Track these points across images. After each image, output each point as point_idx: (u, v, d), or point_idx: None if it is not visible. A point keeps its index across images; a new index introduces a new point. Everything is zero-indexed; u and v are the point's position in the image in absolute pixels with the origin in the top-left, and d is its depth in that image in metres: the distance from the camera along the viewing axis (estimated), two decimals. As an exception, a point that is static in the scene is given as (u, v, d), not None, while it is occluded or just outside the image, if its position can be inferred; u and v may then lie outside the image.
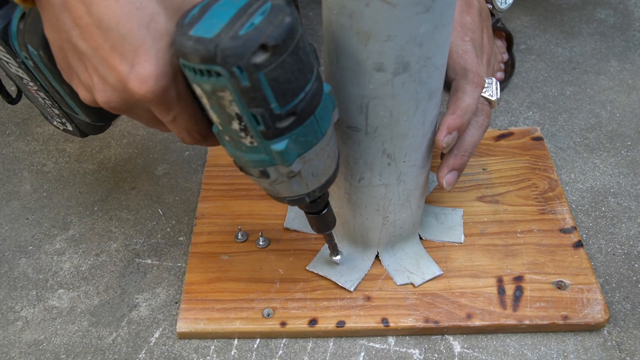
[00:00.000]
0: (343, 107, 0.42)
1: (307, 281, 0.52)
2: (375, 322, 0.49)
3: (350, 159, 0.45)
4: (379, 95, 0.40)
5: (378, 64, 0.38)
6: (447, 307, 0.50)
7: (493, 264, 0.53)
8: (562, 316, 0.49)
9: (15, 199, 0.61)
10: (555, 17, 0.85)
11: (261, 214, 0.58)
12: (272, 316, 0.50)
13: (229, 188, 0.60)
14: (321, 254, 0.54)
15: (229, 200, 0.59)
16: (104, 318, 0.51)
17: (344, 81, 0.40)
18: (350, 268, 0.52)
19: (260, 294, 0.51)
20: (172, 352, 0.49)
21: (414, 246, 0.54)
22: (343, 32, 0.37)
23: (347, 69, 0.39)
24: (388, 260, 0.53)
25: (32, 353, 0.49)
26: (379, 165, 0.45)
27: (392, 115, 0.41)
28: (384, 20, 0.35)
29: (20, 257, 0.56)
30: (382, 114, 0.41)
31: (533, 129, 0.66)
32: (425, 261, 0.53)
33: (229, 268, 0.53)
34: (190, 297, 0.51)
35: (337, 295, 0.51)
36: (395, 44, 0.36)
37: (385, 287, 0.52)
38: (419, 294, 0.51)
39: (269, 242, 0.55)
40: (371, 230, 0.51)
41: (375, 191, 0.47)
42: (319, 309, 0.50)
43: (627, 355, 0.49)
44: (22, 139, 0.68)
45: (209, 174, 0.61)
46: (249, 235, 0.56)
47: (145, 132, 0.68)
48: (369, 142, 0.43)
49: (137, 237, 0.58)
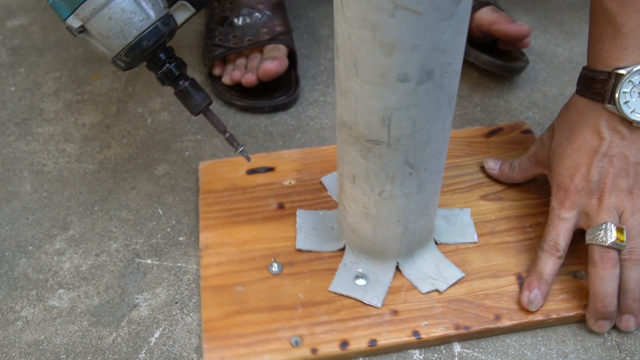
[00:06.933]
0: (364, 121, 0.41)
1: (329, 302, 0.50)
2: (407, 336, 0.48)
3: (371, 173, 0.44)
4: (403, 105, 0.39)
5: (402, 74, 0.37)
6: (474, 311, 0.49)
7: (509, 261, 0.53)
8: (586, 305, 0.49)
9: (15, 199, 0.61)
10: (555, 17, 0.85)
11: (268, 238, 0.55)
12: (300, 344, 0.47)
13: (229, 214, 0.57)
14: (340, 272, 0.52)
15: (232, 227, 0.56)
16: (104, 318, 0.51)
17: (365, 95, 0.39)
18: (373, 283, 0.51)
19: (283, 322, 0.49)
20: (172, 352, 0.49)
21: (431, 252, 0.53)
22: (364, 44, 0.36)
23: (368, 82, 0.38)
24: (409, 270, 0.52)
25: (32, 353, 0.49)
26: (400, 175, 0.44)
27: (416, 125, 0.40)
28: (410, 30, 0.35)
29: (20, 257, 0.56)
30: (405, 124, 0.40)
31: (521, 122, 0.66)
32: (445, 265, 0.52)
33: (246, 299, 0.50)
34: (211, 335, 0.48)
35: (363, 313, 0.49)
36: (420, 52, 0.36)
37: (410, 298, 0.50)
38: (445, 301, 0.50)
39: (282, 267, 0.53)
40: (391, 241, 0.50)
41: (397, 202, 0.46)
42: (348, 329, 0.48)
43: (627, 355, 0.49)
44: (22, 139, 0.68)
45: (205, 202, 0.58)
46: (263, 260, 0.53)
47: (145, 132, 0.68)
48: (391, 154, 0.42)
49: (137, 237, 0.58)
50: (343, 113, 0.43)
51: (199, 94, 0.50)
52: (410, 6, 0.34)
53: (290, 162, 0.62)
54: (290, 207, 0.58)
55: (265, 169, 0.61)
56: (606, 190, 0.48)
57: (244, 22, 0.73)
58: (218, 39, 0.73)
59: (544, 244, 0.50)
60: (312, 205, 0.58)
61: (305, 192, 0.59)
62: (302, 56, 0.79)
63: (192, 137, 0.68)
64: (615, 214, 0.48)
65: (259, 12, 0.73)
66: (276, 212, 0.57)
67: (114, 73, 0.77)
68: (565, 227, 0.49)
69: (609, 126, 0.48)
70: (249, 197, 0.58)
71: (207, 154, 0.66)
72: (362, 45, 0.36)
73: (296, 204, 0.58)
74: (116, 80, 0.75)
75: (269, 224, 0.56)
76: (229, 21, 0.73)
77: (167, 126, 0.69)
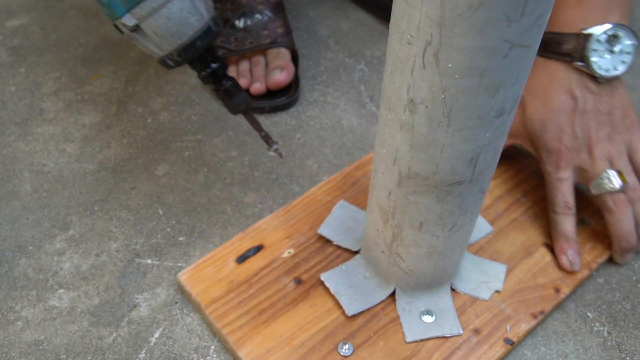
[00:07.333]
0: (448, 167, 0.38)
1: (417, 354, 0.47)
2: (502, 347, 0.47)
3: (445, 214, 0.42)
4: (492, 140, 0.37)
5: (500, 110, 0.35)
6: (537, 294, 0.51)
7: (530, 236, 0.55)
8: (608, 245, 0.54)
9: (15, 199, 0.61)
10: (555, 17, 0.85)
11: (310, 320, 0.49)
12: None
13: (251, 316, 0.49)
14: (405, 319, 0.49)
15: (265, 328, 0.48)
16: (104, 318, 0.51)
17: (455, 142, 0.36)
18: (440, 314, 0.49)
19: None
20: (172, 352, 0.49)
21: (469, 259, 0.53)
22: (466, 93, 0.33)
23: (462, 128, 0.35)
24: (462, 286, 0.51)
25: (32, 353, 0.49)
26: (473, 204, 0.42)
27: (497, 153, 0.39)
28: (518, 66, 0.33)
29: (20, 257, 0.56)
30: (489, 156, 0.38)
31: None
32: (487, 266, 0.52)
33: None
34: None
35: (452, 347, 0.47)
36: (518, 84, 0.34)
37: (479, 311, 0.50)
38: (508, 298, 0.50)
39: (352, 345, 0.47)
40: (451, 267, 0.49)
41: (464, 230, 0.45)
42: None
43: (627, 355, 0.49)
44: (22, 139, 0.68)
45: (216, 315, 0.49)
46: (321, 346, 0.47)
47: (145, 132, 0.68)
48: (471, 189, 0.40)
49: (137, 237, 0.58)
50: (414, 166, 0.39)
51: (240, 95, 0.50)
52: (524, 42, 0.32)
53: (274, 231, 0.55)
54: (308, 278, 0.51)
55: (254, 250, 0.53)
56: (593, 143, 0.52)
57: (245, 24, 0.73)
58: (219, 40, 0.73)
59: (556, 208, 0.53)
60: (328, 264, 0.53)
61: (311, 255, 0.53)
62: (302, 56, 0.79)
63: (192, 137, 0.68)
64: (607, 161, 0.52)
65: (260, 13, 0.73)
66: (298, 289, 0.51)
67: (114, 73, 0.77)
68: (568, 185, 0.53)
69: (579, 84, 0.52)
70: (260, 287, 0.51)
71: (207, 153, 0.66)
72: (463, 94, 0.34)
73: (312, 272, 0.52)
74: (116, 80, 0.75)
75: (300, 305, 0.50)
76: (230, 23, 0.73)
77: (167, 126, 0.69)
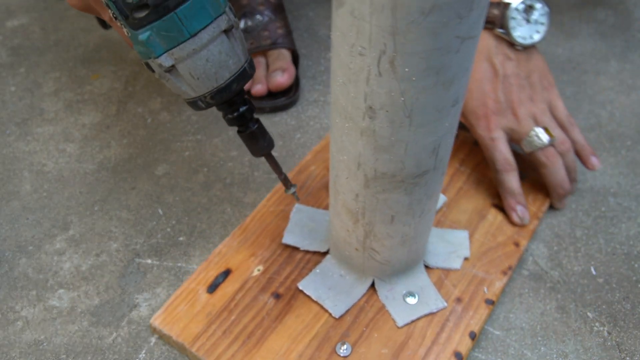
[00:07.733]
0: (413, 162, 0.39)
1: (410, 335, 0.48)
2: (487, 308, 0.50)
3: (414, 203, 0.42)
4: (451, 127, 0.38)
5: (455, 99, 0.36)
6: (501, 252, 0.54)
7: (478, 200, 0.58)
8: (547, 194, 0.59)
9: (15, 199, 0.61)
10: (556, 17, 0.85)
11: (301, 331, 0.48)
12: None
13: (240, 343, 0.48)
14: (391, 305, 0.49)
15: (258, 351, 0.47)
16: (104, 318, 0.51)
17: (418, 138, 0.37)
18: (422, 293, 0.50)
19: None
20: (172, 352, 0.49)
21: (431, 232, 0.54)
22: (425, 92, 0.34)
23: (423, 124, 0.36)
24: (433, 260, 0.52)
25: (32, 353, 0.49)
26: (439, 189, 0.43)
27: (453, 137, 0.40)
28: (469, 57, 0.33)
29: (20, 257, 0.56)
30: (449, 142, 0.39)
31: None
32: (450, 235, 0.54)
33: None
34: None
35: (441, 320, 0.49)
36: (468, 72, 0.35)
37: (454, 280, 0.52)
38: (475, 262, 0.53)
39: (349, 344, 0.47)
40: (423, 246, 0.50)
41: (433, 213, 0.46)
42: (448, 342, 0.48)
43: (627, 355, 0.49)
44: (22, 139, 0.68)
45: (203, 350, 0.47)
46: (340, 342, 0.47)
47: (145, 132, 0.69)
48: (435, 176, 0.41)
49: (137, 237, 0.58)
50: (380, 167, 0.39)
51: (264, 138, 0.47)
52: (473, 34, 0.32)
53: (236, 252, 0.54)
54: (285, 290, 0.51)
55: (222, 276, 0.52)
56: (515, 105, 0.56)
57: (246, 25, 0.73)
58: None
59: (497, 166, 0.56)
60: (301, 271, 0.52)
61: (281, 267, 0.52)
62: (302, 56, 0.79)
63: (192, 137, 0.68)
64: (532, 120, 0.56)
65: (260, 14, 0.73)
66: (279, 304, 0.50)
67: (114, 73, 0.77)
68: (503, 143, 0.56)
69: (498, 51, 0.56)
70: (240, 311, 0.49)
71: (207, 153, 0.66)
72: (422, 93, 0.34)
73: (287, 283, 0.51)
74: (116, 80, 0.75)
75: (286, 319, 0.49)
76: None
77: (167, 126, 0.69)
